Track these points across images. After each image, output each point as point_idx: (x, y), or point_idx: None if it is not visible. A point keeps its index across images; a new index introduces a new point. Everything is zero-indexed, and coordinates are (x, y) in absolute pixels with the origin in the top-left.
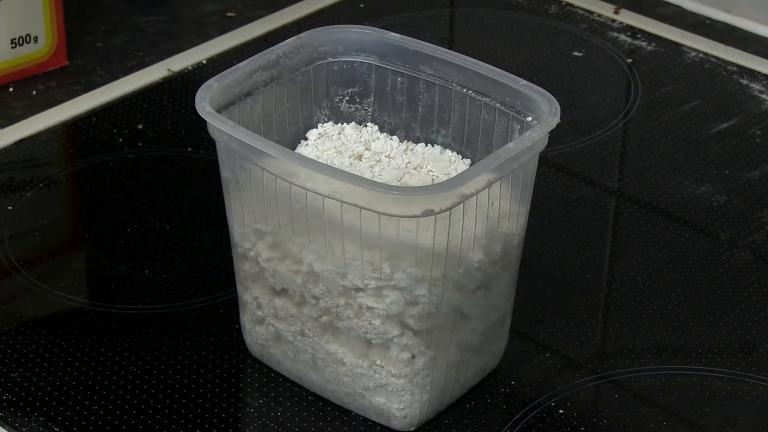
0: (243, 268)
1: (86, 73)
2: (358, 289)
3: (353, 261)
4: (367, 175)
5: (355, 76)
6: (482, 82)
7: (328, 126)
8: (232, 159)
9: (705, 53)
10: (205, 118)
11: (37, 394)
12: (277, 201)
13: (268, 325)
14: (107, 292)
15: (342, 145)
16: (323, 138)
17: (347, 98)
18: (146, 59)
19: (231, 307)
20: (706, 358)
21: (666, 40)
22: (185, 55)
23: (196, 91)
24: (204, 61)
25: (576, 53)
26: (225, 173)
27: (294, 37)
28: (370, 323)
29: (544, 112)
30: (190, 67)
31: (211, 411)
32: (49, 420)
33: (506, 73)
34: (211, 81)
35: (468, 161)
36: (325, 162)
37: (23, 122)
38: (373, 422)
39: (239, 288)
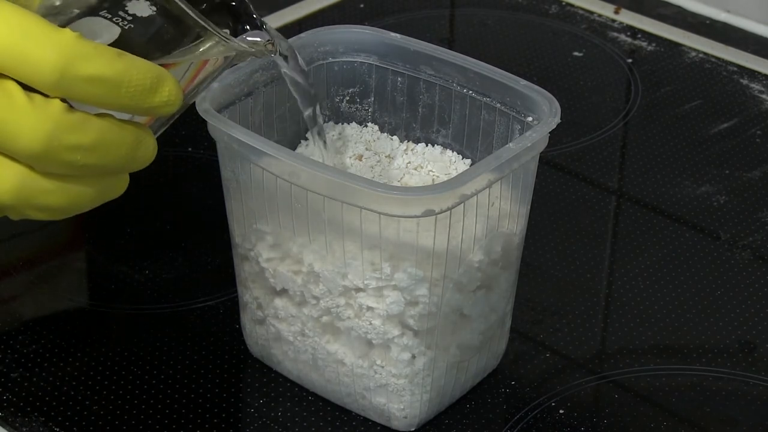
0: (243, 269)
1: None
2: (358, 290)
3: (353, 261)
4: (368, 176)
5: (355, 76)
6: (482, 82)
7: (329, 126)
8: (233, 159)
9: (705, 53)
10: (206, 118)
11: (37, 394)
12: (277, 201)
13: (268, 326)
14: (107, 292)
15: (342, 145)
16: None
17: (347, 98)
18: None
19: (231, 307)
20: (706, 358)
21: (666, 40)
22: None
23: None
24: None
25: (576, 53)
26: (225, 173)
27: (294, 37)
28: (371, 323)
29: (545, 112)
30: None
31: (211, 411)
32: (49, 420)
33: (506, 73)
34: None
35: (468, 161)
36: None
37: None
38: (374, 422)
39: (239, 288)
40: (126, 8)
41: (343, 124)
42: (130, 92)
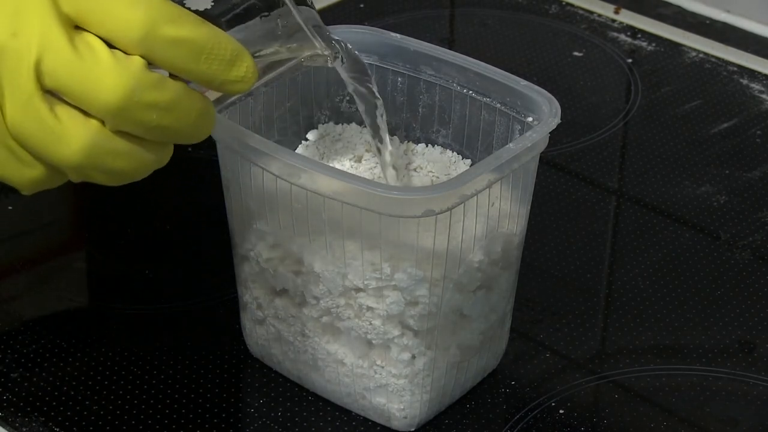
0: (243, 269)
1: None
2: (358, 290)
3: (354, 261)
4: (368, 176)
5: None
6: (483, 82)
7: (329, 126)
8: (233, 159)
9: (705, 53)
10: None
11: (37, 394)
12: (277, 201)
13: (268, 326)
14: (107, 292)
15: (343, 146)
16: (324, 138)
17: (348, 98)
18: None
19: (231, 307)
20: (706, 358)
21: (666, 40)
22: None
23: None
24: None
25: (576, 53)
26: (225, 173)
27: None
28: (371, 323)
29: (545, 113)
30: None
31: (211, 411)
32: (49, 420)
33: (506, 73)
34: None
35: (468, 161)
36: (325, 163)
37: None
38: (374, 422)
39: (240, 288)
40: (184, 3)
41: (343, 124)
42: (210, 60)
